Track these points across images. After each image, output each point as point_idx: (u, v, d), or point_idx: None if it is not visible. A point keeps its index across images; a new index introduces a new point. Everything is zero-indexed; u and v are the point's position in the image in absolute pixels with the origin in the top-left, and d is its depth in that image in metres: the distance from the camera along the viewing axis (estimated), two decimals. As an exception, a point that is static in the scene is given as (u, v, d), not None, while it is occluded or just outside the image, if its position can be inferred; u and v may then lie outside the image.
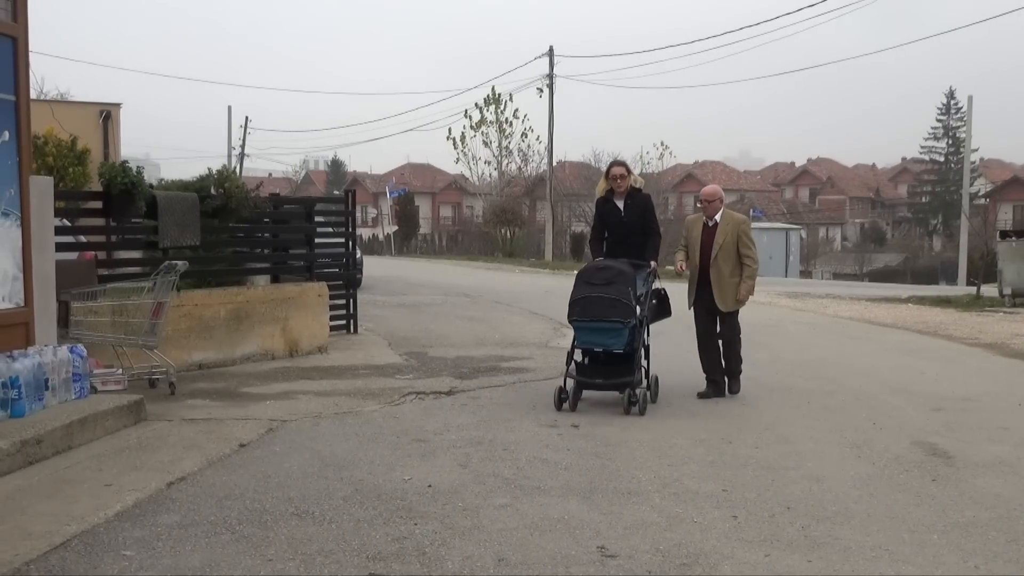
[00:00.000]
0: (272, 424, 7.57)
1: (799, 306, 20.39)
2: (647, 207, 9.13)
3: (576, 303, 8.40)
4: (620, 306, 8.20)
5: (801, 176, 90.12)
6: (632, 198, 9.05)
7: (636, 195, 9.09)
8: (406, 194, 55.46)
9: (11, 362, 6.69)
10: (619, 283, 8.29)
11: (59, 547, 4.72)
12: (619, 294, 8.23)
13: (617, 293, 8.23)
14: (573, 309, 8.43)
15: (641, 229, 8.97)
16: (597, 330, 8.28)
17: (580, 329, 8.42)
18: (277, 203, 13.50)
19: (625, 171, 9.13)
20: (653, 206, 9.32)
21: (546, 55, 44.57)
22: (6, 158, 7.22)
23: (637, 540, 4.98)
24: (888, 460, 6.77)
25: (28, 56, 7.48)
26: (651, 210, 9.19)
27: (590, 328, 8.31)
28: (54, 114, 16.40)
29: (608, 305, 8.21)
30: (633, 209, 9.03)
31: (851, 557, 4.80)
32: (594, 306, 8.26)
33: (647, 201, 9.21)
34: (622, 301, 8.21)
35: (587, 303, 8.30)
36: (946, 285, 39.40)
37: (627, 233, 8.99)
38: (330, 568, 4.51)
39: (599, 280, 8.36)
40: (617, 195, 9.03)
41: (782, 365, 11.30)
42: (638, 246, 8.92)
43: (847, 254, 66.56)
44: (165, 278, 8.68)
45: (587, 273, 8.56)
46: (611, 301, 8.21)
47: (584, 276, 8.53)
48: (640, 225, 8.98)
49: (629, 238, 8.97)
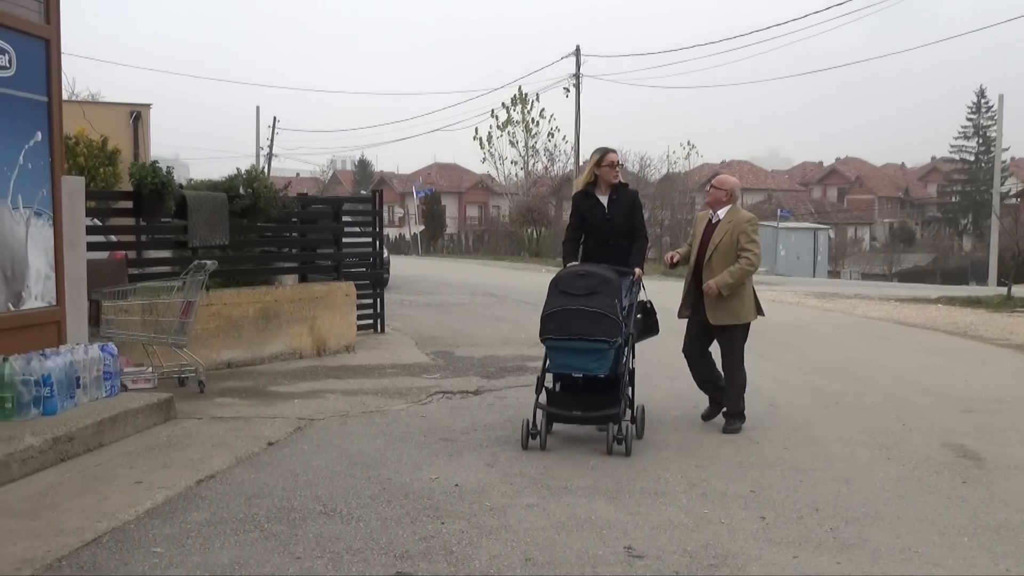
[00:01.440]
0: (300, 423, 7.61)
1: (827, 306, 20.26)
2: (635, 205, 7.86)
3: (551, 317, 6.90)
4: (606, 322, 6.75)
5: (829, 176, 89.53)
6: (618, 193, 7.78)
7: (622, 190, 7.84)
8: (433, 194, 55.56)
9: (43, 360, 6.76)
10: (604, 293, 6.85)
11: (90, 543, 4.77)
12: (604, 307, 6.79)
13: (602, 306, 6.79)
14: (547, 325, 6.92)
15: (627, 231, 7.75)
16: (577, 351, 6.81)
17: (556, 350, 6.91)
18: (305, 203, 13.56)
19: (620, 160, 7.94)
20: (641, 204, 8.06)
21: (573, 55, 44.64)
22: (39, 158, 7.30)
23: (664, 540, 4.97)
24: (918, 462, 6.72)
25: (60, 58, 7.56)
26: (639, 208, 7.94)
27: (568, 349, 6.82)
28: (85, 115, 16.55)
29: (591, 321, 6.75)
30: (619, 206, 7.74)
31: (880, 559, 4.77)
32: (573, 321, 6.78)
33: (635, 198, 7.92)
34: (608, 316, 6.76)
35: (565, 317, 6.81)
36: (976, 285, 39.06)
37: (611, 234, 7.71)
38: (358, 567, 4.53)
39: (579, 289, 6.89)
40: (600, 189, 7.77)
41: (810, 366, 11.24)
42: (623, 250, 7.68)
43: (876, 254, 66.04)
44: (194, 277, 8.75)
45: (564, 280, 7.04)
46: (595, 316, 6.76)
47: (560, 284, 7.02)
48: (626, 226, 7.75)
49: (613, 240, 7.71)
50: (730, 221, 7.75)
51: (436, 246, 53.53)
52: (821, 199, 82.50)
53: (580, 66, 44.42)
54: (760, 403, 8.80)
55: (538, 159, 52.84)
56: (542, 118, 51.19)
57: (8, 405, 6.54)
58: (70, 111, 10.37)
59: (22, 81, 7.09)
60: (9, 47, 6.93)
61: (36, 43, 7.30)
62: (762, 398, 9.01)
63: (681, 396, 8.86)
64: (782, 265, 47.47)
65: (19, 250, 7.08)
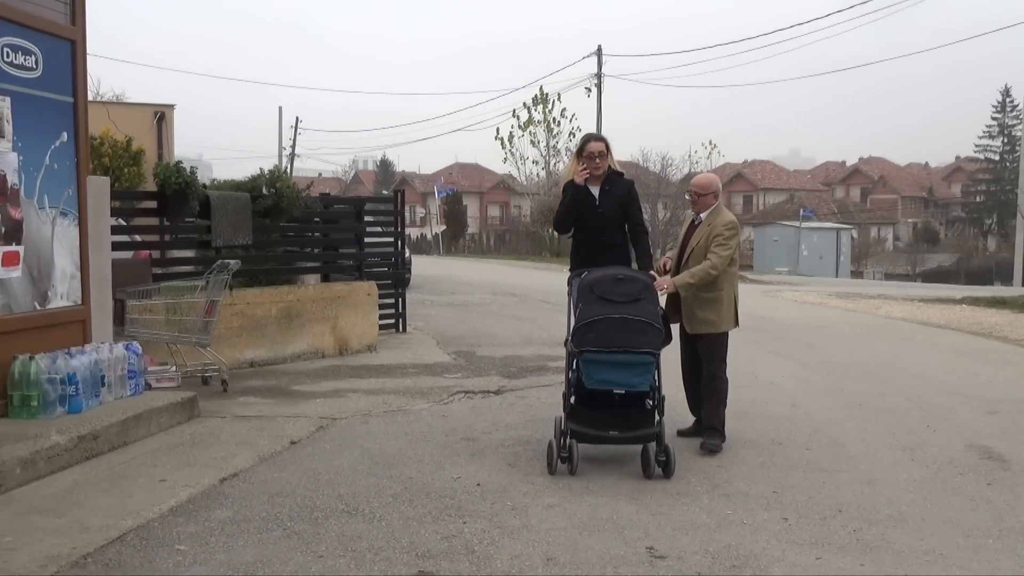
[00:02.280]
0: (322, 422, 7.64)
1: (850, 307, 20.16)
2: (630, 196, 7.14)
3: (591, 327, 6.19)
4: (651, 332, 6.18)
5: (852, 175, 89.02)
6: (611, 184, 7.09)
7: (616, 181, 7.13)
8: (454, 194, 55.70)
9: (69, 359, 6.82)
10: (646, 300, 6.28)
11: (115, 541, 4.81)
12: (649, 315, 6.22)
13: (646, 314, 6.21)
14: (585, 335, 6.19)
15: (621, 225, 7.12)
16: (620, 364, 6.17)
17: (595, 363, 6.19)
18: (327, 203, 13.61)
19: (604, 148, 7.12)
20: (638, 196, 7.30)
21: (594, 54, 44.61)
22: (64, 159, 7.35)
23: (686, 541, 4.96)
24: (942, 463, 6.68)
25: (86, 59, 7.62)
26: (635, 201, 7.19)
27: (611, 362, 6.17)
28: (110, 115, 16.66)
29: (636, 331, 6.15)
30: (611, 198, 7.07)
31: (904, 561, 4.74)
32: (617, 331, 6.15)
33: (630, 189, 7.17)
34: (653, 325, 6.20)
35: (608, 327, 6.15)
36: (1001, 286, 38.77)
37: (601, 228, 7.07)
38: (380, 566, 4.55)
39: (620, 296, 6.24)
40: (592, 179, 7.10)
41: (833, 366, 11.19)
42: (617, 248, 7.09)
43: (899, 254, 65.65)
44: (218, 277, 8.81)
45: (601, 285, 6.31)
46: (640, 325, 6.16)
47: (597, 289, 6.30)
48: (619, 220, 7.09)
49: (605, 236, 7.08)
50: (708, 224, 7.13)
51: (457, 246, 53.63)
52: (844, 199, 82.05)
53: (602, 66, 44.41)
54: (782, 404, 8.77)
55: (559, 159, 52.79)
56: (563, 118, 51.17)
57: (34, 403, 6.60)
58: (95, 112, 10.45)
59: (48, 82, 7.15)
60: (36, 48, 6.99)
61: (62, 44, 7.36)
62: (784, 399, 8.98)
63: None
64: (804, 265, 47.29)
65: (45, 250, 7.14)
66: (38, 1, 7.17)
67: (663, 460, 6.15)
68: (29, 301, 6.99)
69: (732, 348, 7.28)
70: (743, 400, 8.81)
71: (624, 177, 7.23)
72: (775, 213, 64.11)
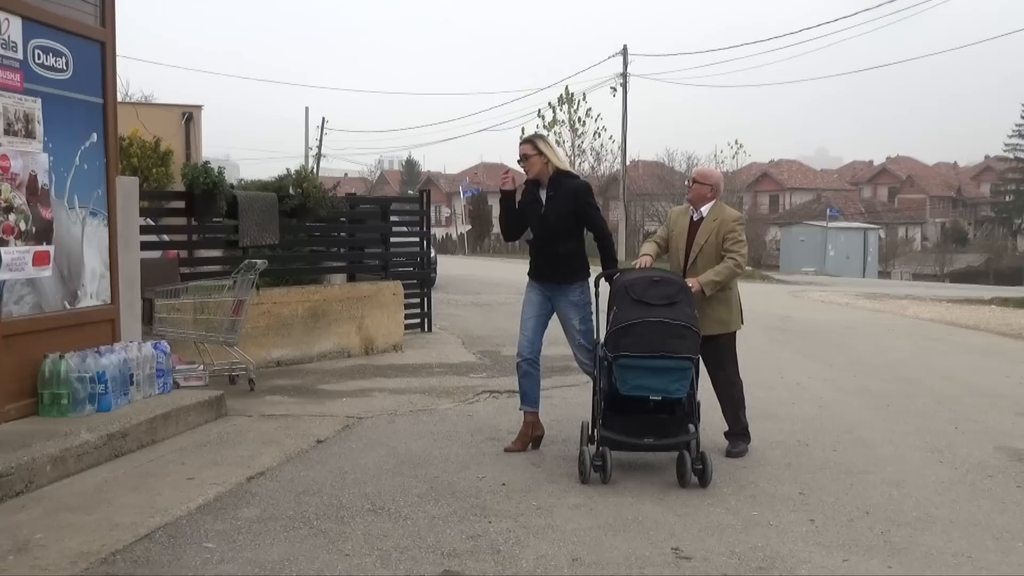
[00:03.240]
0: (348, 421, 7.67)
1: (877, 307, 20.03)
2: (578, 198, 6.59)
3: (627, 331, 6.00)
4: (689, 336, 6.01)
5: (880, 175, 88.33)
6: (556, 186, 6.60)
7: (562, 182, 6.62)
8: (479, 194, 55.69)
9: (98, 358, 6.88)
10: (683, 303, 6.10)
11: (144, 538, 4.85)
12: (687, 318, 6.05)
13: (684, 317, 6.04)
14: (621, 339, 6.01)
15: (571, 231, 6.64)
16: (658, 370, 5.97)
17: (631, 369, 5.99)
18: (353, 203, 13.67)
19: (532, 149, 6.62)
20: (591, 196, 6.75)
21: (619, 54, 44.44)
22: (94, 159, 7.42)
23: (712, 542, 4.94)
24: (971, 465, 6.63)
25: (116, 60, 7.68)
26: (587, 203, 6.65)
27: (647, 368, 5.97)
28: (139, 116, 16.79)
29: (674, 334, 5.97)
30: (555, 202, 6.59)
31: (932, 563, 4.71)
32: (654, 335, 5.96)
33: (576, 190, 6.62)
34: (691, 329, 6.03)
35: (645, 331, 5.96)
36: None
37: (548, 235, 6.63)
38: (405, 565, 4.56)
39: (656, 298, 6.05)
40: (541, 183, 6.66)
41: (860, 367, 11.12)
42: (563, 256, 6.62)
43: (927, 254, 65.09)
44: (245, 276, 8.86)
45: (637, 287, 6.12)
46: (678, 329, 5.98)
47: (633, 291, 6.10)
48: (568, 225, 6.62)
49: (550, 243, 6.63)
50: (715, 219, 6.84)
51: (483, 246, 53.68)
52: (871, 198, 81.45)
53: (627, 65, 44.26)
54: (809, 405, 8.72)
55: (585, 159, 52.77)
56: (588, 117, 51.11)
57: (64, 401, 6.66)
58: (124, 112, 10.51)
59: (79, 83, 7.21)
60: (66, 50, 7.05)
61: (92, 46, 7.42)
62: (811, 400, 8.94)
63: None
64: (831, 265, 47.03)
65: (75, 249, 7.20)
66: (69, 3, 7.24)
67: (700, 468, 5.95)
68: (59, 300, 7.06)
69: (758, 348, 7.26)
70: (769, 400, 8.78)
71: (574, 178, 6.76)
72: (802, 213, 63.77)
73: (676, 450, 6.07)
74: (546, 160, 6.62)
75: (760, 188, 73.27)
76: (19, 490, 5.43)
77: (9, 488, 5.37)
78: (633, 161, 51.62)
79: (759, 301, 20.55)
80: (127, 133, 14.94)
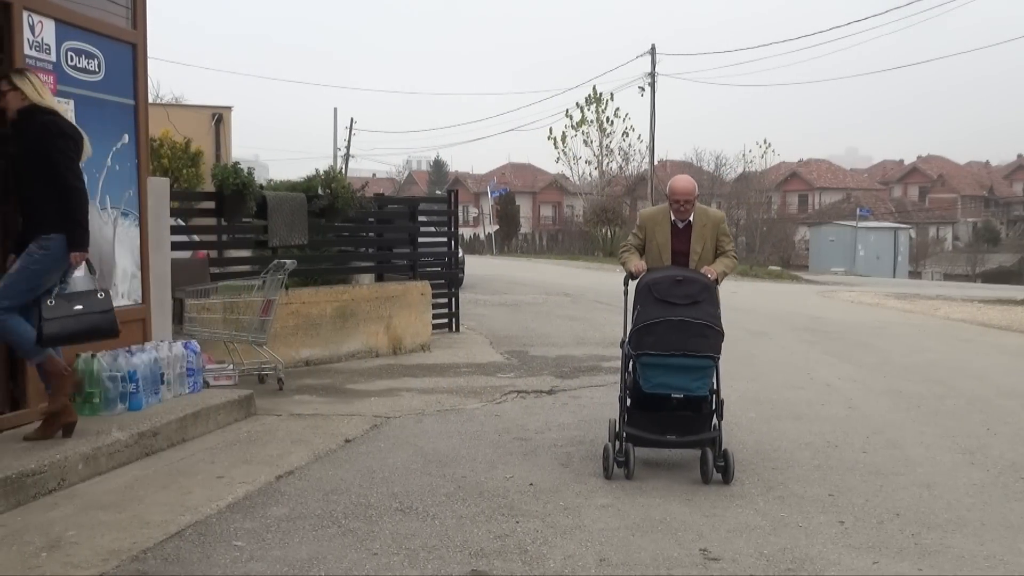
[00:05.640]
0: (376, 420, 7.69)
1: (908, 307, 19.86)
2: (42, 134, 5.80)
3: (649, 330, 6.10)
4: (711, 335, 6.09)
5: (910, 174, 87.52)
6: (22, 123, 5.85)
7: (30, 117, 5.83)
8: (507, 194, 55.78)
9: (129, 357, 6.94)
10: (706, 302, 6.17)
11: (174, 536, 4.89)
12: (709, 318, 6.12)
13: (707, 316, 6.11)
14: (643, 338, 6.11)
15: (36, 173, 5.82)
16: (679, 368, 6.07)
17: (653, 367, 6.11)
18: (382, 203, 13.72)
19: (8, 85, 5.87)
20: (50, 133, 5.80)
21: (648, 54, 44.32)
22: (126, 160, 7.49)
23: (740, 543, 4.92)
24: (1003, 467, 6.56)
25: (147, 62, 7.75)
26: (49, 138, 5.79)
27: (669, 366, 6.08)
28: (169, 117, 16.94)
29: (696, 333, 6.06)
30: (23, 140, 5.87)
31: (964, 566, 4.67)
32: (676, 334, 6.05)
33: (41, 127, 5.82)
34: (713, 328, 6.10)
35: (668, 330, 6.05)
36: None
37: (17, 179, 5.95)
38: (433, 564, 4.57)
39: (680, 298, 6.13)
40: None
41: (891, 368, 11.03)
42: (34, 203, 5.87)
43: (959, 254, 64.42)
44: (274, 276, 8.91)
45: (660, 287, 6.20)
46: (700, 328, 6.07)
47: (656, 291, 6.19)
48: (33, 167, 5.82)
49: (25, 190, 5.91)
50: (704, 224, 6.71)
51: (510, 246, 53.69)
52: (902, 198, 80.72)
53: (655, 65, 44.14)
54: (839, 406, 8.66)
55: (612, 158, 52.67)
56: (616, 117, 50.99)
57: (96, 400, 6.73)
58: (155, 114, 10.62)
59: (110, 85, 7.29)
60: (98, 52, 7.12)
61: (124, 48, 7.50)
62: (841, 400, 8.88)
63: (757, 398, 8.78)
64: (861, 265, 46.66)
65: (107, 249, 7.27)
66: (100, 6, 7.32)
67: (722, 465, 6.01)
68: (91, 300, 7.11)
69: (788, 349, 7.23)
70: (798, 401, 8.74)
71: (38, 113, 5.86)
72: (831, 213, 63.31)
73: (699, 447, 6.15)
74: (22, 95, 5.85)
75: (789, 188, 72.82)
76: (52, 488, 5.49)
77: (42, 486, 5.43)
78: (661, 161, 51.43)
79: (788, 301, 20.44)
80: (158, 134, 15.09)
